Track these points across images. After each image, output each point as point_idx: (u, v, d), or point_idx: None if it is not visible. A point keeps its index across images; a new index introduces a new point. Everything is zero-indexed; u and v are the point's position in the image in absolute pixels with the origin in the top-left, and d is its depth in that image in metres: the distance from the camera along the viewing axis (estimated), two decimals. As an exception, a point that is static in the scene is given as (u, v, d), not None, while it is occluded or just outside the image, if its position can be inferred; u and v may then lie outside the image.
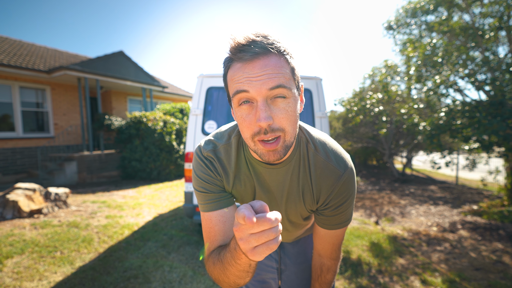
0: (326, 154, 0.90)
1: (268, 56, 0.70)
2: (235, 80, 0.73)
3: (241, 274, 0.72)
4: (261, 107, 0.70)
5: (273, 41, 0.72)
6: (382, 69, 8.41)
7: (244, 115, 0.74)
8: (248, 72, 0.70)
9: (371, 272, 3.12)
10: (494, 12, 5.13)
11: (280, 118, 0.72)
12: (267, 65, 0.69)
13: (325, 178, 0.90)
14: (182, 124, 10.39)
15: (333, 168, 0.89)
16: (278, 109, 0.72)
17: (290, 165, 0.91)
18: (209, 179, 0.92)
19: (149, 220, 4.83)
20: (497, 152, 5.25)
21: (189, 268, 3.12)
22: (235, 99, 0.74)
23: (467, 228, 4.45)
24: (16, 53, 9.86)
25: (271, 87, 0.69)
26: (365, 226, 4.60)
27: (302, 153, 0.92)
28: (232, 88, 0.74)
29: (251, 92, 0.70)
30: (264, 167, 0.91)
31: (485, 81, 4.73)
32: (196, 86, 3.65)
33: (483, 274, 3.03)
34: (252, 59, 0.70)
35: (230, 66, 0.75)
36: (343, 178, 0.89)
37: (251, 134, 0.75)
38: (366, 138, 10.96)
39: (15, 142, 9.17)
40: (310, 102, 3.60)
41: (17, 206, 4.58)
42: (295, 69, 0.77)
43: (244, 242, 0.57)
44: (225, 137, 0.96)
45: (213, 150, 0.94)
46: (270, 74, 0.69)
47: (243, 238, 0.56)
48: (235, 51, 0.71)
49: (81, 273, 2.95)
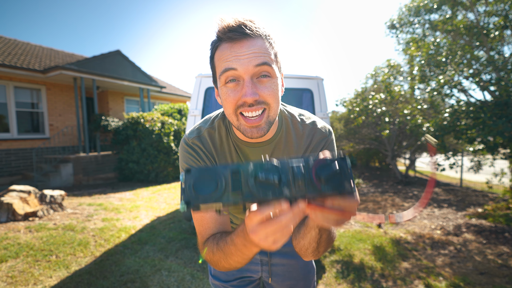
0: (312, 123, 1.01)
1: (255, 38, 0.76)
2: (223, 59, 0.77)
3: (245, 261, 0.75)
4: (247, 84, 0.75)
5: (259, 26, 0.78)
6: (384, 69, 8.39)
7: (229, 91, 0.79)
8: (236, 50, 0.75)
9: (374, 276, 3.10)
10: (499, 10, 5.11)
11: (266, 94, 0.78)
12: (254, 45, 0.75)
13: (314, 141, 1.00)
14: (180, 125, 10.34)
15: (320, 131, 1.00)
16: (263, 86, 0.78)
17: (274, 143, 0.98)
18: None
19: (147, 223, 4.81)
20: (503, 153, 5.23)
21: (187, 272, 3.09)
22: (222, 77, 0.78)
23: (472, 231, 4.41)
24: (10, 53, 9.78)
25: (258, 63, 0.75)
26: (368, 229, 4.56)
27: (286, 129, 0.99)
28: (220, 67, 0.79)
29: (238, 69, 0.75)
30: (250, 147, 0.96)
31: (490, 81, 4.71)
32: (194, 86, 3.62)
33: (488, 279, 3.00)
34: (241, 39, 0.75)
35: (218, 46, 0.80)
36: (330, 139, 1.01)
37: (234, 107, 0.79)
38: (369, 139, 10.89)
39: (9, 143, 9.09)
40: (311, 103, 3.57)
41: (11, 209, 4.55)
42: (277, 54, 0.83)
43: (263, 240, 0.58)
44: (209, 122, 1.01)
45: (197, 136, 0.97)
46: (256, 53, 0.75)
47: (261, 239, 0.57)
48: (225, 31, 0.76)
49: (77, 278, 2.93)
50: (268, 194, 0.53)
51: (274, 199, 0.53)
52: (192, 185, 0.53)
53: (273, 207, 0.54)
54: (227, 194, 0.53)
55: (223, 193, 0.53)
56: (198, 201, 0.52)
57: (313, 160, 0.55)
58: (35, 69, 9.08)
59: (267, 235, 0.57)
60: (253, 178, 0.54)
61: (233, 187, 0.54)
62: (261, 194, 0.53)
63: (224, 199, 0.53)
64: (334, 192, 0.54)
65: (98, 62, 10.33)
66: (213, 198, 0.53)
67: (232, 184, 0.54)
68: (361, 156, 13.59)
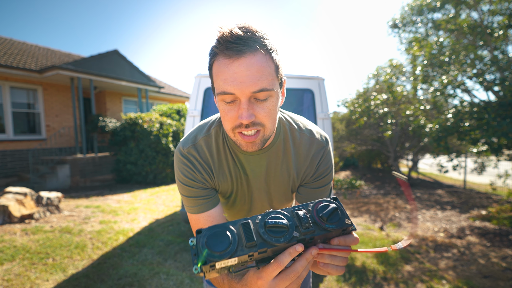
0: (309, 132, 1.01)
1: (254, 54, 0.73)
2: (220, 77, 0.75)
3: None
4: (244, 106, 0.75)
5: (259, 37, 0.74)
6: (387, 69, 8.42)
7: (226, 110, 0.79)
8: (234, 70, 0.73)
9: (376, 279, 3.09)
10: (504, 9, 5.12)
11: (262, 116, 0.78)
12: (253, 64, 0.73)
13: (312, 151, 1.00)
14: (179, 126, 10.29)
15: (318, 142, 1.00)
16: (260, 107, 0.78)
17: (271, 151, 0.98)
18: (192, 184, 0.95)
19: (145, 225, 4.79)
20: (507, 155, 5.23)
21: (186, 276, 3.11)
22: (219, 97, 0.78)
23: (476, 234, 4.39)
24: (6, 52, 9.72)
25: (255, 90, 0.74)
26: (370, 232, 4.53)
27: (283, 137, 1.00)
28: (217, 85, 0.78)
29: (236, 93, 0.74)
30: (246, 154, 0.97)
31: (494, 81, 4.69)
32: (193, 87, 3.59)
33: (492, 282, 2.98)
34: (239, 57, 0.72)
35: (215, 59, 0.77)
36: (327, 149, 1.02)
37: (232, 127, 0.81)
38: (371, 140, 10.88)
39: (5, 144, 9.03)
40: (312, 103, 3.53)
41: (7, 211, 4.55)
42: (279, 67, 0.81)
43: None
44: (205, 129, 1.00)
45: (193, 145, 0.97)
46: (254, 76, 0.73)
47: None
48: (222, 47, 0.73)
49: (74, 281, 2.92)
50: (280, 239, 0.55)
51: (287, 243, 0.55)
52: (205, 244, 0.53)
53: (289, 254, 0.56)
54: (241, 247, 0.54)
55: (237, 246, 0.54)
56: (214, 259, 0.52)
57: (313, 204, 0.61)
58: (32, 69, 9.02)
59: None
60: (263, 226, 0.56)
61: (247, 239, 0.55)
62: (273, 240, 0.55)
63: (239, 252, 0.54)
64: (337, 228, 0.58)
65: (95, 62, 10.26)
66: (229, 254, 0.53)
67: (245, 236, 0.55)
68: (363, 157, 13.57)
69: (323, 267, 0.62)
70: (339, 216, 0.59)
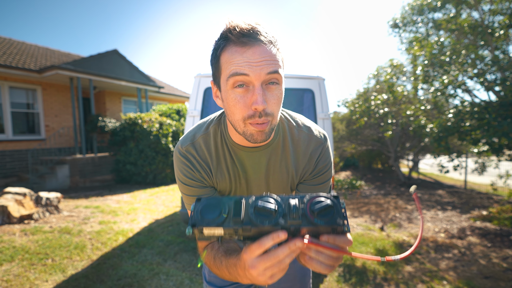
0: (307, 129, 1.03)
1: (266, 44, 0.77)
2: (233, 63, 0.76)
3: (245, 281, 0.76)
4: (259, 91, 0.76)
5: (268, 32, 0.79)
6: (387, 69, 8.41)
7: (238, 97, 0.79)
8: (249, 57, 0.75)
9: (377, 279, 3.07)
10: (505, 9, 5.11)
11: (272, 104, 0.79)
12: (266, 52, 0.76)
13: (311, 148, 1.01)
14: (179, 126, 10.27)
15: (316, 138, 1.02)
16: (271, 94, 0.79)
17: (271, 148, 0.99)
18: (191, 182, 0.96)
19: (145, 226, 4.78)
20: (508, 155, 5.20)
21: (186, 276, 3.08)
22: (230, 80, 0.77)
23: (477, 234, 4.37)
24: (5, 52, 9.70)
25: (270, 71, 0.76)
26: (370, 232, 4.51)
27: (282, 134, 1.01)
28: (228, 69, 0.77)
29: (250, 76, 0.75)
30: (246, 151, 0.97)
31: (495, 81, 4.68)
32: (193, 86, 3.58)
33: (493, 283, 2.97)
34: (253, 45, 0.75)
35: (226, 47, 0.78)
36: (326, 146, 1.03)
37: (243, 116, 0.79)
38: (371, 140, 10.86)
39: (4, 144, 9.01)
40: (312, 103, 3.52)
41: (6, 212, 4.53)
42: (284, 59, 0.84)
43: (261, 275, 0.63)
44: (203, 127, 1.01)
45: (191, 144, 0.98)
46: (268, 61, 0.76)
47: (260, 273, 0.63)
48: (236, 34, 0.75)
49: (74, 281, 2.92)
50: (264, 222, 0.59)
51: (270, 227, 0.59)
52: (199, 210, 0.61)
53: (272, 238, 0.59)
54: (228, 220, 0.60)
55: (225, 219, 0.60)
56: (202, 224, 0.60)
57: (309, 197, 0.63)
58: (31, 69, 9.00)
59: (265, 270, 0.62)
60: (253, 207, 0.61)
61: (235, 214, 0.61)
62: (258, 221, 0.59)
63: (225, 224, 0.60)
64: (327, 225, 0.59)
65: (95, 62, 10.24)
66: (216, 223, 0.60)
67: (234, 211, 0.61)
68: (363, 157, 13.56)
69: (308, 260, 0.64)
70: (332, 214, 0.60)
